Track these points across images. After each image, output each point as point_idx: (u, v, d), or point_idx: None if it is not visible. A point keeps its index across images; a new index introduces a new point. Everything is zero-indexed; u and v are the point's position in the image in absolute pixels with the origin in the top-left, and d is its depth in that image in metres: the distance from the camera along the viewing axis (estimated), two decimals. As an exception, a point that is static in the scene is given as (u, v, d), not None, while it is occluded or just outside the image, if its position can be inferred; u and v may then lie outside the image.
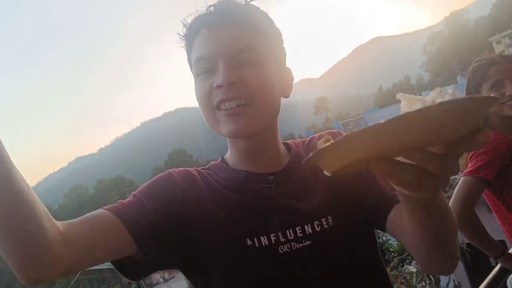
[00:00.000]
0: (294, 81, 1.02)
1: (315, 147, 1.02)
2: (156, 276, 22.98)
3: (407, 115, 0.42)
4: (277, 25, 0.96)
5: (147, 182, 0.93)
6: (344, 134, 0.61)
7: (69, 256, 0.73)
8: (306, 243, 0.88)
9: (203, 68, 0.89)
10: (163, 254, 0.88)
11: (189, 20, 0.93)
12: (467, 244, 4.65)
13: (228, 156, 1.01)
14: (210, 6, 0.91)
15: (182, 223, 0.87)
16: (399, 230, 0.88)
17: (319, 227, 0.90)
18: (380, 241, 7.98)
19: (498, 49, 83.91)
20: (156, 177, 0.94)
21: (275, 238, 0.88)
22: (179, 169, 0.97)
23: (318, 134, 1.04)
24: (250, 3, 0.92)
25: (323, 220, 0.91)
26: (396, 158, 0.50)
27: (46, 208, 0.73)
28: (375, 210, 0.93)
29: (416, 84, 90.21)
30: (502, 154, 1.64)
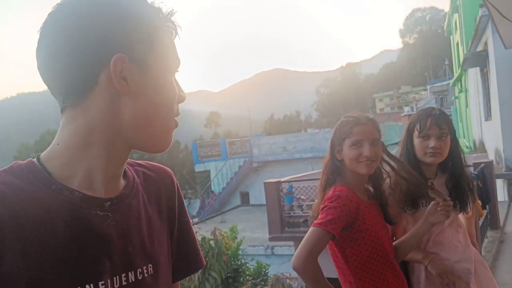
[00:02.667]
0: (192, 91, 0.92)
1: (150, 180, 0.89)
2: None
3: None
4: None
5: None
6: None
7: None
8: None
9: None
10: None
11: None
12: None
13: (55, 162, 0.74)
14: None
15: None
16: None
17: (141, 275, 0.79)
18: (238, 263, 8.15)
19: (379, 105, 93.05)
20: None
21: (103, 286, 0.72)
22: None
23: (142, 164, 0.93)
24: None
25: (144, 268, 0.79)
26: None
27: None
28: (178, 265, 0.93)
29: (304, 120, 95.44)
30: (349, 211, 1.77)
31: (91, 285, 0.70)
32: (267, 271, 8.75)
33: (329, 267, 1.91)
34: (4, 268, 0.64)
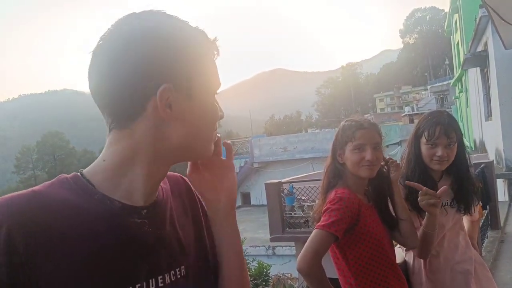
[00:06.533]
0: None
1: (173, 188, 0.94)
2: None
3: None
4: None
5: None
6: None
7: None
8: None
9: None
10: None
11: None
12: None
13: (100, 176, 0.80)
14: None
15: None
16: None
17: (174, 276, 0.84)
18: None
19: (379, 105, 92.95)
20: None
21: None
22: (12, 227, 0.67)
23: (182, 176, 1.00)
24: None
25: (177, 270, 0.85)
26: None
27: None
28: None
29: (305, 120, 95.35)
30: (351, 213, 1.78)
31: (130, 287, 0.75)
32: (268, 272, 8.77)
33: (328, 267, 1.93)
34: (52, 270, 0.69)
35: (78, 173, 0.81)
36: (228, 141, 1.00)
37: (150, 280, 0.79)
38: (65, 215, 0.72)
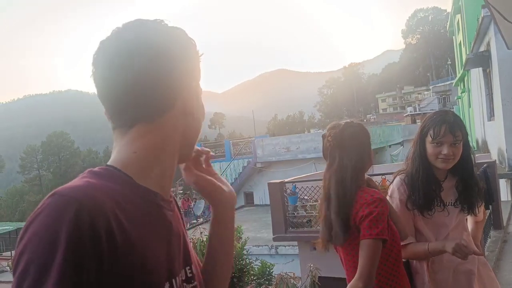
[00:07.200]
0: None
1: None
2: (3, 264, 20.47)
3: None
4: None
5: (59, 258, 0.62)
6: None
7: None
8: (194, 283, 0.85)
9: None
10: None
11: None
12: (319, 278, 5.07)
13: (133, 168, 0.79)
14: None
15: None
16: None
17: (190, 271, 0.88)
18: (243, 263, 8.19)
19: (382, 105, 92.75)
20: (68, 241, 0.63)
21: (181, 278, 0.82)
22: (93, 214, 0.66)
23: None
24: None
25: (192, 265, 0.89)
26: None
27: None
28: None
29: (307, 121, 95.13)
30: (387, 213, 1.81)
31: (177, 278, 0.80)
32: (271, 271, 8.78)
33: (333, 267, 1.93)
34: (124, 260, 0.69)
35: (109, 167, 0.79)
36: (207, 149, 1.02)
37: (182, 270, 0.84)
38: (125, 206, 0.72)
